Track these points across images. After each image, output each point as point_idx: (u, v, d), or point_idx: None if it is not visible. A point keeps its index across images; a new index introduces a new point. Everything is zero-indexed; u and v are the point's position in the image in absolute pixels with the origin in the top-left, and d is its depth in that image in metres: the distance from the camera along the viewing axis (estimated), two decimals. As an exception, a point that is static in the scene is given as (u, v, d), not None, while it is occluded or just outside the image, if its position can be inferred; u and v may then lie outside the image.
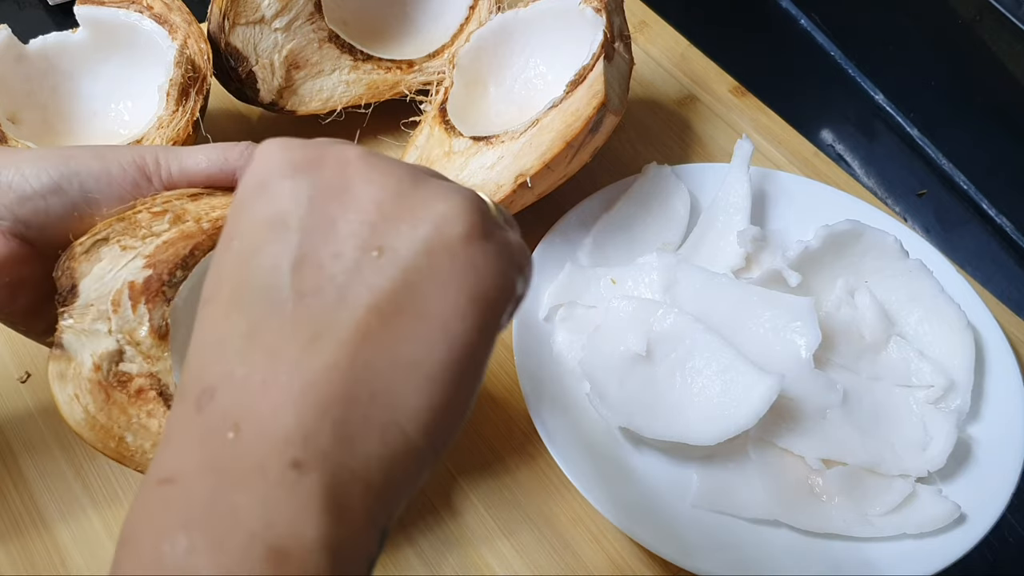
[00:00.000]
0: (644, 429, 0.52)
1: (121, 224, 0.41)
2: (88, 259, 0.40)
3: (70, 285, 0.40)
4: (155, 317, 0.40)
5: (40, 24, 0.75)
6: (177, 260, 0.41)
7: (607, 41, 0.57)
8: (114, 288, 0.40)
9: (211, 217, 0.42)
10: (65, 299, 0.40)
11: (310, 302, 0.28)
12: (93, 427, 0.40)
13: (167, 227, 0.41)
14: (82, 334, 0.40)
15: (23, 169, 0.40)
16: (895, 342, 0.55)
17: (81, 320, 0.40)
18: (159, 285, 0.40)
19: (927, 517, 0.49)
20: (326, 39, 0.64)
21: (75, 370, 0.39)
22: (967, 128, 0.72)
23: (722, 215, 0.61)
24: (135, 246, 0.40)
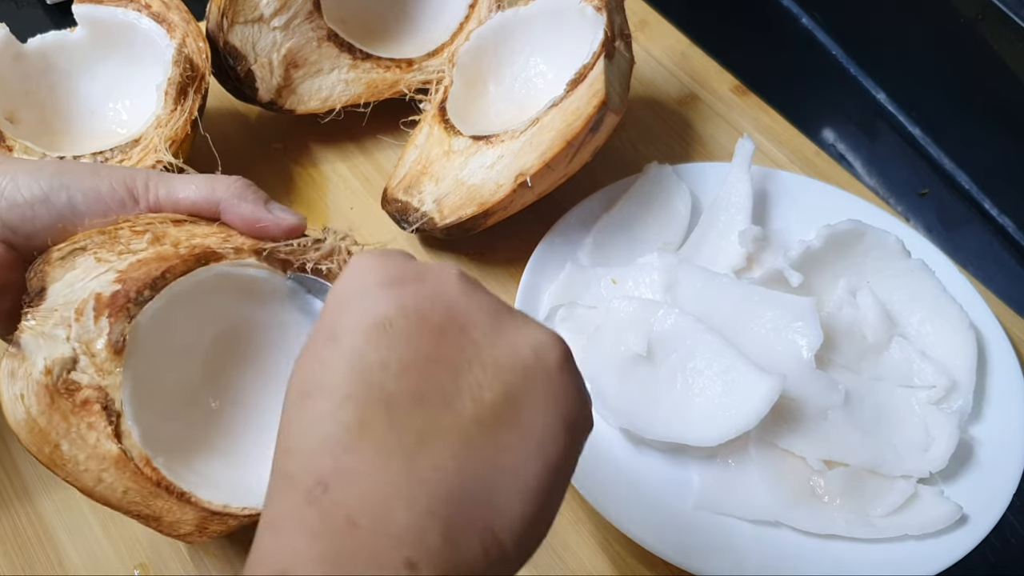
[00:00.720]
0: (645, 430, 0.51)
1: (101, 237, 0.41)
2: (63, 265, 0.41)
3: (40, 287, 0.40)
4: (115, 331, 0.40)
5: (38, 23, 0.75)
6: (148, 280, 0.41)
7: (608, 40, 0.57)
8: (81, 297, 0.40)
9: (190, 243, 0.42)
10: (32, 300, 0.40)
11: (417, 404, 0.29)
12: (32, 429, 0.39)
13: (145, 246, 0.41)
14: (41, 336, 0.40)
15: (18, 179, 0.41)
16: (897, 342, 0.55)
17: (43, 323, 0.40)
18: (125, 301, 0.40)
19: (929, 518, 0.49)
20: (325, 38, 0.64)
21: (26, 370, 0.39)
22: (969, 127, 0.72)
23: (723, 215, 0.60)
24: (110, 260, 0.41)
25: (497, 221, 0.59)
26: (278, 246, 0.44)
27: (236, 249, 0.43)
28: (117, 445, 0.40)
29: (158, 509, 0.41)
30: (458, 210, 0.57)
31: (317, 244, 0.45)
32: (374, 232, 0.63)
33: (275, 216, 0.44)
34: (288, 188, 0.65)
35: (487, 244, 0.62)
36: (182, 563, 0.48)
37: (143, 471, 0.41)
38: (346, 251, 0.45)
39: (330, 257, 0.45)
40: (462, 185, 0.58)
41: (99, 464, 0.40)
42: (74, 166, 0.43)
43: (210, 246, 0.43)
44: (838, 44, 0.81)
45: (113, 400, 0.40)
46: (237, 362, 0.46)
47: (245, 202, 0.44)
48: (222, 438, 0.45)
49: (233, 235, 0.44)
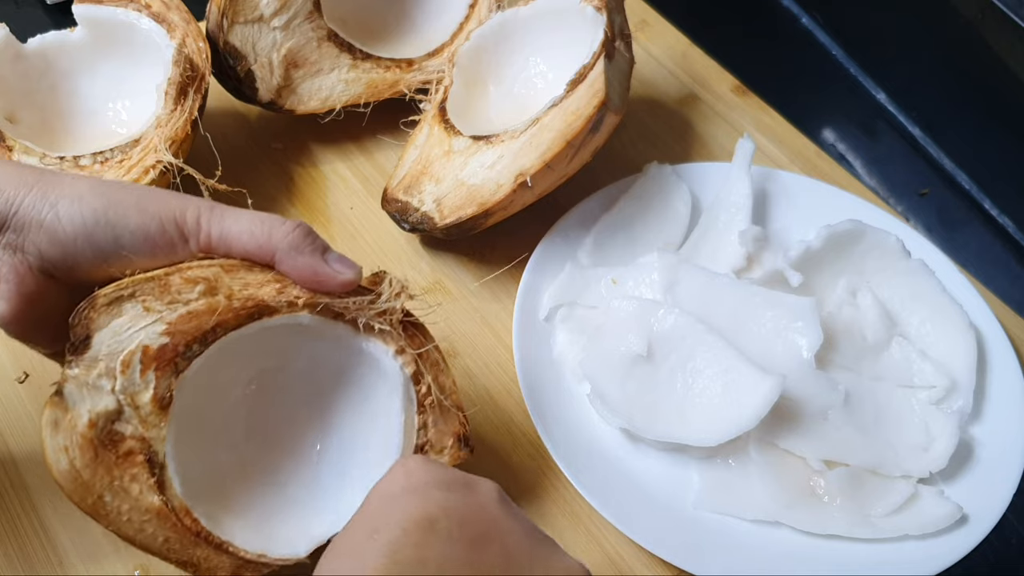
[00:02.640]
0: (645, 430, 0.51)
1: (150, 284, 0.40)
2: (108, 312, 0.39)
3: (85, 335, 0.39)
4: (161, 386, 0.40)
5: (38, 23, 0.75)
6: (198, 334, 0.40)
7: (608, 40, 0.57)
8: (128, 348, 0.39)
9: (242, 295, 0.41)
10: (76, 348, 0.39)
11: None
12: (75, 481, 0.39)
13: (196, 296, 0.40)
14: (84, 387, 0.39)
15: (59, 208, 0.39)
16: (897, 342, 0.55)
17: (87, 373, 0.39)
18: (173, 355, 0.40)
19: (929, 518, 0.49)
20: (325, 38, 0.63)
21: (70, 422, 0.39)
22: (969, 127, 0.72)
23: (723, 215, 0.60)
24: (159, 309, 0.40)
25: (497, 221, 0.59)
26: (333, 302, 0.43)
27: (290, 304, 0.42)
28: (160, 498, 0.40)
29: (196, 557, 0.41)
30: (458, 210, 0.57)
31: (372, 301, 0.44)
32: (374, 232, 0.63)
33: (333, 270, 0.42)
34: (288, 188, 0.65)
35: (487, 244, 0.62)
36: (182, 563, 0.48)
37: (183, 522, 0.41)
38: (401, 310, 0.44)
39: (383, 316, 0.44)
40: (462, 185, 0.58)
41: (141, 516, 0.40)
42: (120, 195, 0.40)
43: (264, 299, 0.42)
44: (838, 44, 0.81)
45: (156, 452, 0.40)
46: (275, 401, 0.46)
47: (303, 255, 0.42)
48: (261, 478, 0.45)
49: (287, 285, 0.43)
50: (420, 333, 0.46)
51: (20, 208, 0.39)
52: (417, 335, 0.45)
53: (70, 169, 0.56)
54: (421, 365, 0.45)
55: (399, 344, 0.45)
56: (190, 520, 0.41)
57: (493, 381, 0.56)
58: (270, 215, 0.42)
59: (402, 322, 0.45)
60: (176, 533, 0.41)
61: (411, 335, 0.45)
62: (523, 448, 0.53)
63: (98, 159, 0.56)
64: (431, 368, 0.45)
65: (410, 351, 0.45)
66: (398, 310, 0.44)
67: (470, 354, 0.57)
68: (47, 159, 0.55)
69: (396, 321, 0.44)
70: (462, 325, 0.58)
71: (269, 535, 0.44)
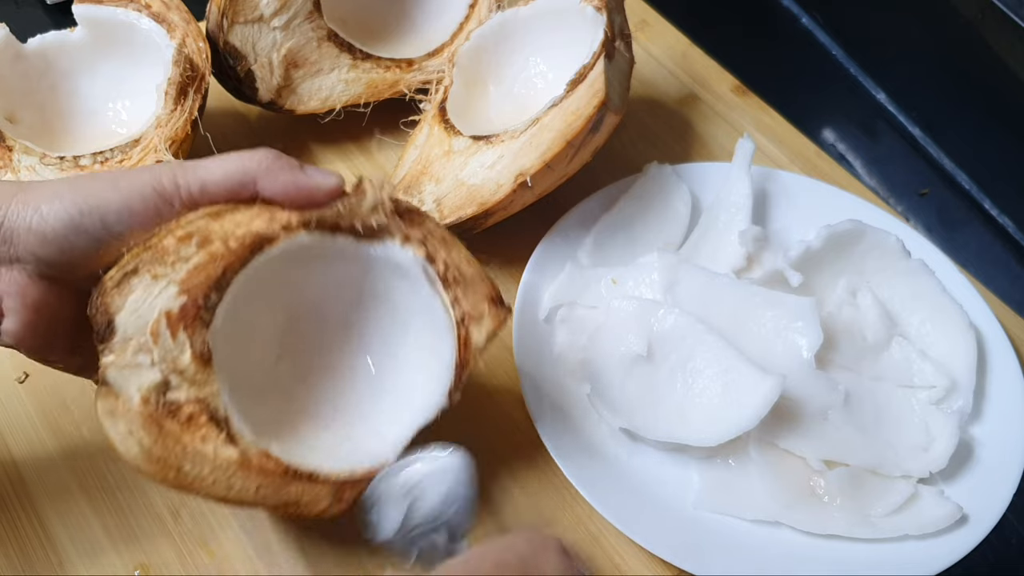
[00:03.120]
0: (645, 430, 0.51)
1: (148, 253, 0.40)
2: (120, 293, 0.40)
3: (106, 321, 0.40)
4: (196, 343, 0.40)
5: (38, 23, 0.75)
6: (211, 283, 0.41)
7: (608, 40, 0.57)
8: (151, 319, 0.40)
9: (237, 235, 0.42)
10: (103, 336, 0.40)
11: None
12: (150, 460, 0.39)
13: (195, 250, 0.41)
14: (125, 368, 0.39)
15: (41, 208, 0.39)
16: (897, 342, 0.55)
17: (122, 355, 0.39)
18: (196, 310, 0.40)
19: (929, 518, 0.49)
20: (325, 38, 0.64)
21: (124, 405, 0.39)
22: (969, 127, 0.72)
23: (723, 215, 0.60)
24: (166, 273, 0.40)
25: (497, 221, 0.59)
26: (324, 212, 0.43)
27: (284, 227, 0.43)
28: (235, 449, 0.41)
29: (293, 494, 0.42)
30: (458, 210, 0.57)
31: (360, 198, 0.44)
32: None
33: (314, 180, 0.43)
34: (288, 188, 0.65)
35: (487, 244, 0.62)
36: (182, 563, 0.48)
37: (267, 466, 0.41)
38: (390, 200, 0.44)
39: (376, 210, 0.44)
40: (462, 185, 0.58)
41: (224, 473, 0.40)
42: (93, 184, 0.41)
43: (258, 231, 0.42)
44: (838, 44, 0.81)
45: (216, 408, 0.41)
46: (310, 333, 0.47)
47: (282, 172, 0.42)
48: (321, 406, 0.46)
49: (276, 212, 0.43)
50: (416, 215, 0.45)
51: (5, 219, 0.39)
52: (415, 218, 0.45)
53: (70, 169, 0.56)
54: (430, 244, 0.45)
55: (402, 232, 0.45)
56: (272, 462, 0.41)
57: (493, 381, 0.56)
58: (237, 152, 0.43)
59: (396, 212, 0.45)
60: (265, 478, 0.41)
61: (409, 220, 0.45)
62: (523, 448, 0.53)
63: (98, 159, 0.56)
64: (441, 245, 0.45)
65: (415, 234, 0.45)
66: (387, 199, 0.44)
67: (470, 354, 0.57)
68: (47, 159, 0.55)
69: (390, 211, 0.44)
70: (462, 325, 0.58)
71: (350, 453, 0.44)
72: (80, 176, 0.41)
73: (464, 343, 0.45)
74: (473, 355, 0.45)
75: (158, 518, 0.49)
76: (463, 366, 0.45)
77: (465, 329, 0.45)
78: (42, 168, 0.55)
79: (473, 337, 0.45)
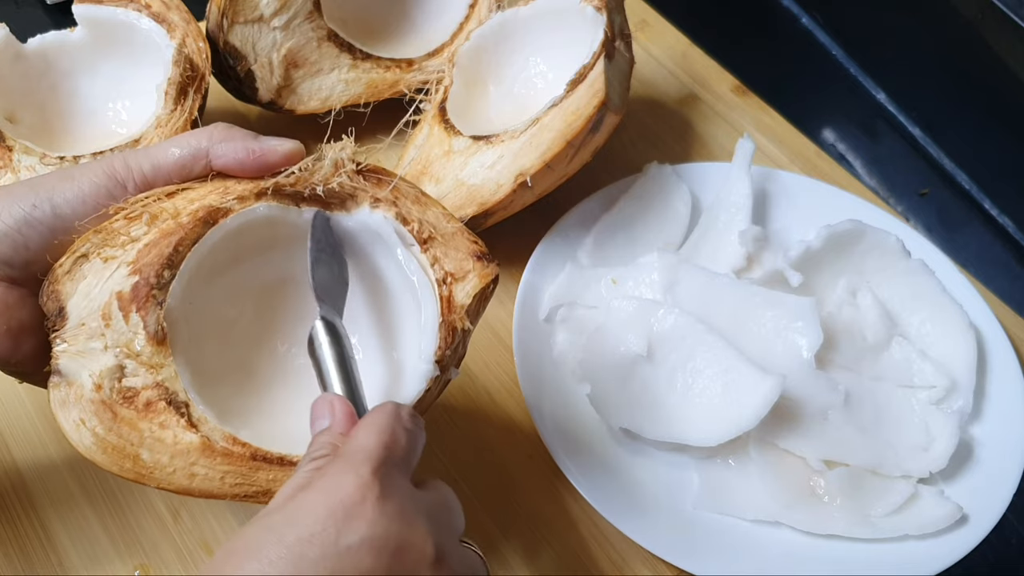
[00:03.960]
0: (645, 430, 0.51)
1: (99, 236, 0.39)
2: (72, 278, 0.39)
3: (57, 308, 0.38)
4: (150, 323, 0.39)
5: (38, 23, 0.75)
6: (162, 260, 0.39)
7: (608, 40, 0.57)
8: (102, 301, 0.38)
9: (190, 210, 0.40)
10: (55, 323, 0.38)
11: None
12: (105, 449, 0.38)
13: (145, 229, 0.39)
14: (78, 355, 0.38)
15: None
16: (897, 342, 0.55)
17: (75, 341, 0.38)
18: (148, 289, 0.39)
19: (929, 518, 0.49)
20: (325, 38, 0.63)
21: (76, 393, 0.38)
22: (969, 128, 0.72)
23: (723, 214, 0.60)
24: (116, 255, 0.39)
25: (497, 221, 0.59)
26: (280, 179, 0.41)
27: (240, 198, 0.41)
28: (197, 434, 0.38)
29: (264, 482, 0.39)
30: (458, 210, 0.57)
31: (318, 159, 0.42)
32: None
33: (268, 144, 0.41)
34: (288, 188, 0.65)
35: (487, 244, 0.61)
36: (182, 563, 0.48)
37: (233, 450, 0.39)
38: (351, 160, 0.42)
39: (337, 172, 0.42)
40: (462, 185, 0.58)
41: (186, 459, 0.38)
42: (47, 178, 0.40)
43: (212, 204, 0.40)
44: (838, 44, 0.81)
45: (175, 392, 0.39)
46: (284, 306, 0.45)
47: (234, 139, 0.41)
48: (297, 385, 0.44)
49: (231, 185, 0.41)
50: (384, 174, 0.43)
51: None
52: (381, 178, 0.43)
53: (70, 169, 0.56)
54: (402, 204, 0.43)
55: (370, 195, 0.42)
56: (239, 446, 0.39)
57: (493, 381, 0.56)
58: (189, 131, 0.42)
59: (359, 172, 0.42)
60: (231, 465, 0.39)
61: (377, 181, 0.43)
62: (523, 448, 0.53)
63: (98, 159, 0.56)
64: (415, 204, 0.43)
65: (383, 195, 0.42)
66: (349, 160, 0.42)
67: (470, 354, 0.57)
68: (47, 159, 0.55)
69: (352, 172, 0.42)
70: (462, 325, 0.58)
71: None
72: (35, 177, 0.41)
73: (447, 304, 0.42)
74: (461, 316, 0.42)
75: (158, 518, 0.49)
76: (450, 329, 0.42)
77: (448, 289, 0.42)
78: (42, 168, 0.55)
79: (457, 297, 0.42)
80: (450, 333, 0.42)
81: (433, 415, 0.54)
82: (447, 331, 0.42)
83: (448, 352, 0.42)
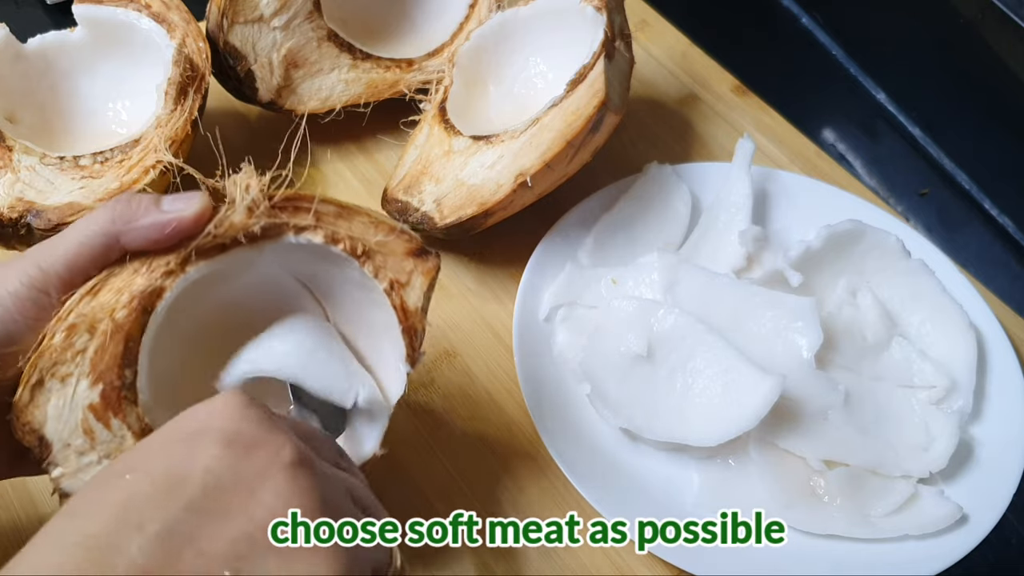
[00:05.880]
0: (645, 430, 0.51)
1: (43, 358, 0.38)
2: (36, 406, 0.38)
3: (37, 439, 0.38)
4: (132, 424, 0.39)
5: (38, 23, 0.75)
6: (119, 361, 0.39)
7: (608, 40, 0.57)
8: (77, 419, 0.39)
9: (121, 303, 0.39)
10: (41, 453, 0.39)
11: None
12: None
13: (87, 337, 0.39)
14: (77, 474, 0.39)
15: None
16: (897, 342, 0.55)
17: (67, 463, 0.39)
18: (117, 394, 0.39)
19: (929, 518, 0.49)
20: (325, 38, 0.63)
21: None
22: (969, 127, 0.72)
23: (723, 214, 0.60)
24: (71, 371, 0.39)
25: (497, 221, 0.59)
26: (199, 242, 0.40)
27: (166, 272, 0.40)
28: None
29: None
30: (458, 210, 0.57)
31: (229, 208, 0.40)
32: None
33: (174, 214, 0.39)
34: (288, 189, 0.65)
35: (487, 244, 0.62)
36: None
37: None
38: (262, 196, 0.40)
39: (252, 216, 0.40)
40: (462, 185, 0.58)
41: None
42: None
43: (141, 289, 0.39)
44: (838, 44, 0.81)
45: None
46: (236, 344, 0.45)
47: (141, 219, 0.39)
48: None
49: (153, 261, 0.40)
50: (298, 200, 0.42)
51: None
52: (298, 204, 0.42)
53: (70, 169, 0.56)
54: (326, 224, 0.42)
55: (292, 223, 0.41)
56: None
57: (493, 381, 0.56)
58: (88, 215, 0.40)
59: (274, 206, 0.41)
60: None
61: (292, 208, 0.42)
62: (523, 448, 0.53)
63: (98, 159, 0.56)
64: (338, 219, 0.42)
65: (303, 221, 0.41)
66: (259, 199, 0.40)
67: (470, 354, 0.57)
68: (47, 159, 0.55)
69: (266, 210, 0.41)
70: (462, 325, 0.58)
71: None
72: None
73: (402, 310, 0.43)
74: (418, 319, 0.43)
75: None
76: (411, 334, 0.43)
77: (399, 296, 0.43)
78: (42, 168, 0.55)
79: (409, 301, 0.43)
80: (412, 335, 0.43)
81: (433, 415, 0.54)
82: (409, 335, 0.43)
83: (417, 352, 0.44)
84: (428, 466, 0.52)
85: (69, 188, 0.55)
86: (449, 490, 0.51)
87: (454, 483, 0.52)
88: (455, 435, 0.54)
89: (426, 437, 0.53)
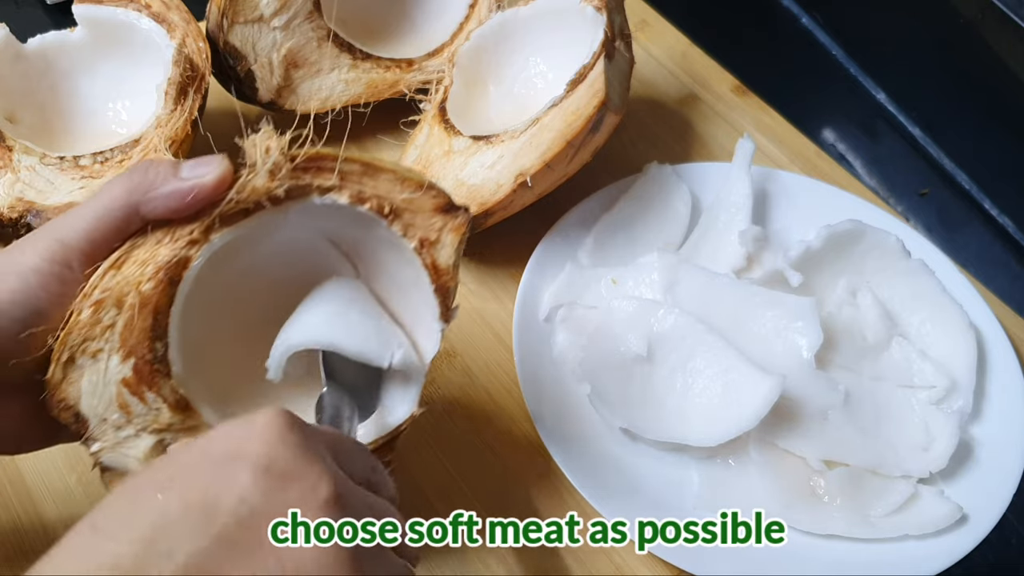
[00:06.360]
0: (645, 430, 0.51)
1: (73, 335, 0.38)
2: (70, 383, 0.38)
3: (73, 416, 0.39)
4: (167, 396, 0.39)
5: (38, 23, 0.75)
6: (148, 335, 0.39)
7: (608, 40, 0.57)
8: (112, 394, 0.39)
9: (147, 276, 0.39)
10: (78, 430, 0.39)
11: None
12: None
13: (115, 312, 0.38)
14: (116, 448, 0.39)
15: None
16: (897, 342, 0.55)
17: (106, 438, 0.39)
18: (150, 368, 0.39)
19: (929, 518, 0.49)
20: (325, 38, 0.64)
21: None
22: (969, 127, 0.72)
23: (723, 214, 0.60)
24: (102, 347, 0.38)
25: (497, 221, 0.59)
26: (222, 209, 0.39)
27: (191, 242, 0.39)
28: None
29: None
30: (458, 210, 0.57)
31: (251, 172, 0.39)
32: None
33: (195, 180, 0.38)
34: (288, 188, 0.65)
35: (487, 244, 0.62)
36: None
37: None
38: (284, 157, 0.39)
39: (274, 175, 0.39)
40: (462, 185, 0.58)
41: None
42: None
43: (167, 260, 0.39)
44: (838, 44, 0.81)
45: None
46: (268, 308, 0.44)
47: (161, 187, 0.38)
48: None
49: (177, 230, 0.39)
50: (321, 159, 0.40)
51: None
52: (321, 163, 0.40)
53: (70, 169, 0.56)
54: (351, 183, 0.40)
55: (316, 184, 0.40)
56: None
57: (493, 381, 0.56)
58: (108, 184, 0.39)
59: (296, 167, 0.40)
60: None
61: (316, 168, 0.40)
62: (523, 448, 0.53)
63: (98, 159, 0.56)
64: (363, 176, 0.41)
65: (327, 181, 0.40)
66: (281, 161, 0.39)
67: (470, 354, 0.57)
68: (47, 159, 0.56)
69: (288, 171, 0.39)
70: (462, 325, 0.58)
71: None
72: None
73: (434, 268, 0.42)
74: (449, 276, 0.42)
75: (158, 518, 0.49)
76: (444, 292, 0.42)
77: (429, 255, 0.42)
78: (42, 168, 0.55)
79: (440, 259, 0.42)
80: (445, 293, 0.42)
81: (433, 415, 0.54)
82: (442, 294, 0.42)
83: (451, 310, 0.43)
84: (428, 466, 0.52)
85: (69, 188, 0.55)
86: (449, 490, 0.51)
87: (454, 483, 0.52)
88: (455, 435, 0.54)
89: (426, 437, 0.53)
